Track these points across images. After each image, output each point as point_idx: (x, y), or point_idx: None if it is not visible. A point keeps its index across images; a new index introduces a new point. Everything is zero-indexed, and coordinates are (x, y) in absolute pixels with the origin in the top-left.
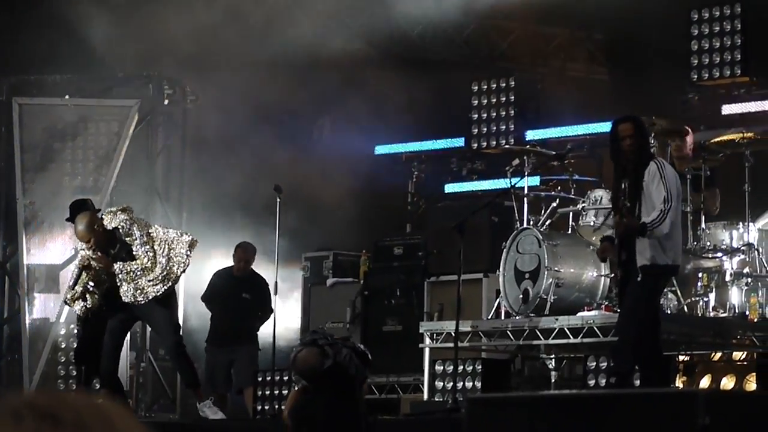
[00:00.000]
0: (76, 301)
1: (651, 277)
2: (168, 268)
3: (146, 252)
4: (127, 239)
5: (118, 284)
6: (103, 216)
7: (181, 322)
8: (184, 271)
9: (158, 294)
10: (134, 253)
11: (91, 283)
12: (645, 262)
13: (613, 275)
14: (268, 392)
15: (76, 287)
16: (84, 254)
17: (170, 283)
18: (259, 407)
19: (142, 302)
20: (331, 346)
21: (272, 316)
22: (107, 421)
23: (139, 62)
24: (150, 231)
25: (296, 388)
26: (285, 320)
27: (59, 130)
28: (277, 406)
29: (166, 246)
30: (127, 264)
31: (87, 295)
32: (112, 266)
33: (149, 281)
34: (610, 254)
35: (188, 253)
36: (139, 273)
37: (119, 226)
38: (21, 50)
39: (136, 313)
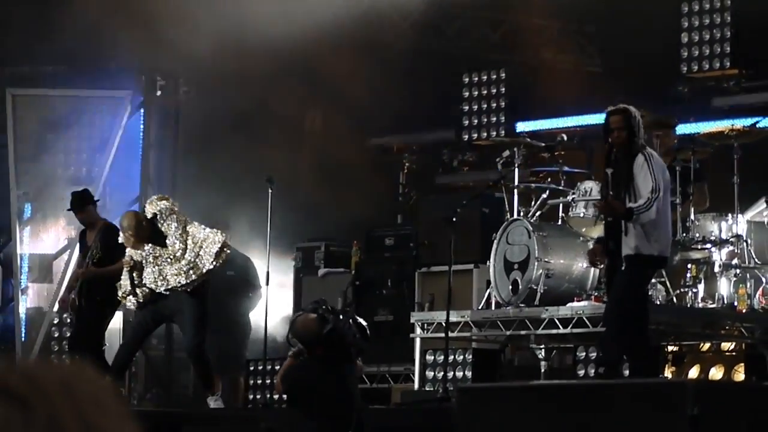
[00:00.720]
0: (128, 297)
1: (636, 267)
2: (194, 263)
3: (178, 243)
4: (164, 227)
5: (144, 265)
6: (146, 206)
7: None
8: (212, 268)
9: (179, 284)
10: (168, 243)
11: (138, 280)
12: (629, 251)
13: (601, 266)
14: (260, 381)
15: (126, 284)
16: (127, 256)
17: (194, 277)
18: (251, 396)
19: (161, 289)
20: (331, 314)
21: (261, 300)
22: (76, 402)
23: (132, 54)
24: (187, 227)
25: (290, 354)
26: (277, 310)
27: (52, 121)
28: (269, 395)
29: (199, 243)
30: (157, 248)
31: (137, 290)
32: (143, 246)
33: (173, 271)
34: (600, 259)
35: (218, 252)
36: (166, 260)
37: (158, 212)
38: (14, 41)
39: (166, 312)
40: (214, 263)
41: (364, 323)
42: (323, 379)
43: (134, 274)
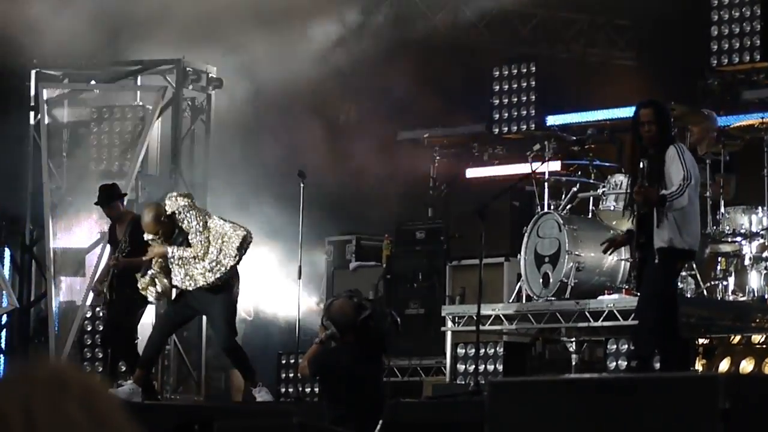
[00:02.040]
0: (148, 289)
1: (668, 260)
2: (218, 259)
3: (201, 242)
4: (183, 225)
5: (170, 267)
6: (166, 202)
7: None
8: (236, 264)
9: (207, 283)
10: (190, 240)
11: (156, 269)
12: (662, 244)
13: (632, 259)
14: (291, 375)
15: (146, 276)
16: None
17: (219, 275)
18: (283, 389)
19: (191, 288)
20: (368, 301)
21: (294, 293)
22: (34, 424)
23: (163, 48)
24: (207, 221)
25: (316, 341)
26: (308, 304)
27: (85, 116)
28: (300, 389)
29: (220, 238)
30: (180, 249)
31: (156, 281)
32: (166, 249)
33: (199, 270)
34: (614, 247)
35: (239, 246)
36: (191, 261)
37: (176, 211)
38: (47, 36)
39: (195, 306)
40: (237, 258)
41: (397, 317)
42: (353, 366)
43: (156, 267)
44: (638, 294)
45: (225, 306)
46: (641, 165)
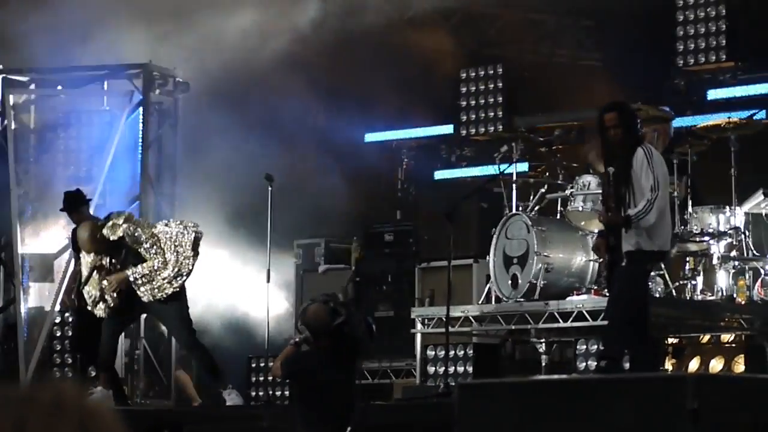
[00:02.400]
0: (98, 304)
1: (637, 263)
2: (179, 264)
3: (155, 254)
4: (135, 245)
5: (136, 288)
6: (105, 228)
7: None
8: (194, 265)
9: (175, 289)
10: (144, 255)
11: (105, 284)
12: (630, 248)
13: (601, 260)
14: (261, 378)
15: (92, 290)
16: (94, 260)
17: (184, 278)
18: (253, 393)
19: (162, 298)
20: (344, 308)
21: (263, 297)
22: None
23: (130, 53)
24: (154, 231)
25: (291, 343)
26: (277, 307)
27: (52, 121)
28: (270, 392)
29: (172, 243)
30: (138, 268)
31: (107, 297)
32: (127, 277)
33: (164, 279)
34: (603, 251)
35: (193, 246)
36: (155, 274)
37: (124, 235)
38: (13, 41)
39: (146, 309)
40: (194, 258)
41: (372, 323)
42: (325, 371)
43: (98, 279)
44: (607, 295)
45: (177, 306)
46: (608, 171)
